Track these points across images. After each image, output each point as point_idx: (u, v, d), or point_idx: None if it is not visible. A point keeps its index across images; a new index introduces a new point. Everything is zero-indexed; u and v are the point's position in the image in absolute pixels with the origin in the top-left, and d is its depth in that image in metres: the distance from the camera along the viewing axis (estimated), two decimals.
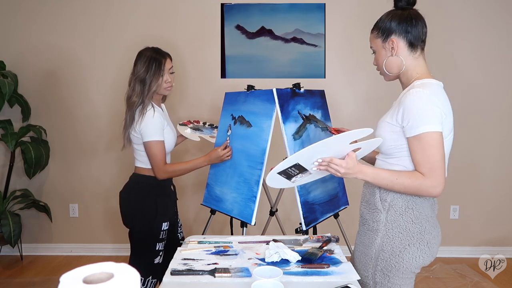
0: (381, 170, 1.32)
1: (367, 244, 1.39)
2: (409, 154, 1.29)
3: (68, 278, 0.64)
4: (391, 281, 1.34)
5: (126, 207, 1.96)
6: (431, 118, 1.22)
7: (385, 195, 1.34)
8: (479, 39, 3.12)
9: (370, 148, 1.37)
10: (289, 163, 1.32)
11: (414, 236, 1.31)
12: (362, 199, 1.47)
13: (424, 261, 1.32)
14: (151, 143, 1.86)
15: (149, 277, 1.91)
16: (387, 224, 1.34)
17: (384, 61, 1.38)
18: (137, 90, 1.87)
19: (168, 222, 1.96)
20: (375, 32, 1.41)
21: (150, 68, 1.87)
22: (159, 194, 1.96)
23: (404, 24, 1.34)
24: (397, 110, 1.29)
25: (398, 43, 1.35)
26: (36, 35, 3.18)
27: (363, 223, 1.44)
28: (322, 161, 1.31)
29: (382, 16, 1.41)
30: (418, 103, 1.23)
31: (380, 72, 1.45)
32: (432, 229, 1.33)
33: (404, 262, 1.31)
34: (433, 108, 1.23)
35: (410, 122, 1.24)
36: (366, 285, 1.41)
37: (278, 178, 1.38)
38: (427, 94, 1.23)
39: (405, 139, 1.29)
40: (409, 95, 1.25)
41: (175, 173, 1.95)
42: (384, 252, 1.34)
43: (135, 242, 1.94)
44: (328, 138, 1.23)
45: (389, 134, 1.32)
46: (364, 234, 1.43)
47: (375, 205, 1.37)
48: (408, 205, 1.32)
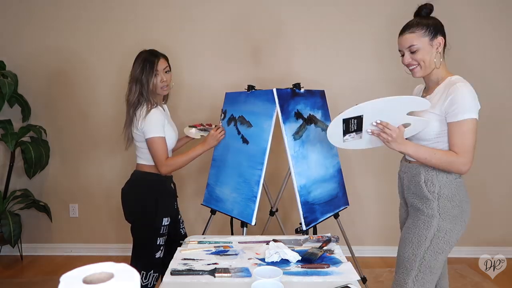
0: (420, 145, 1.53)
1: (422, 227, 1.55)
2: (439, 140, 1.52)
3: (68, 278, 0.64)
4: (438, 258, 1.53)
5: (128, 203, 2.01)
6: (473, 107, 1.46)
7: (432, 187, 1.54)
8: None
9: (416, 128, 1.55)
10: (357, 111, 1.47)
11: (458, 217, 1.54)
12: (407, 191, 1.65)
13: (460, 236, 1.57)
14: (152, 139, 1.92)
15: (151, 271, 1.96)
16: (439, 209, 1.53)
17: (434, 57, 1.55)
18: (134, 90, 1.95)
19: (168, 218, 2.00)
20: (421, 31, 1.55)
21: (144, 68, 1.95)
22: (160, 190, 1.99)
23: (442, 26, 1.57)
24: (444, 101, 1.48)
25: (442, 41, 1.56)
26: (36, 35, 3.18)
27: (416, 210, 1.60)
28: (380, 122, 1.50)
29: (416, 20, 1.57)
30: (465, 94, 1.45)
31: (418, 67, 1.58)
32: (468, 209, 1.58)
33: (452, 239, 1.54)
34: (475, 99, 1.47)
35: (456, 109, 1.45)
36: (412, 263, 1.56)
37: (337, 127, 1.53)
38: (471, 88, 1.48)
39: (446, 126, 1.50)
40: (458, 88, 1.46)
41: (177, 165, 1.99)
42: (440, 232, 1.53)
43: (136, 237, 1.99)
44: (401, 96, 1.45)
45: (431, 122, 1.52)
46: (418, 218, 1.58)
47: (426, 196, 1.55)
48: (453, 191, 1.53)
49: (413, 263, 1.55)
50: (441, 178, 1.53)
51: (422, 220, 1.55)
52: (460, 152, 1.47)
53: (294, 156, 2.04)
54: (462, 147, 1.46)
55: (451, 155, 1.48)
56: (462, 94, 1.45)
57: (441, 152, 1.49)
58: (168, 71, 2.03)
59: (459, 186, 1.55)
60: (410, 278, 1.56)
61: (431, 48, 1.55)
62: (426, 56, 1.55)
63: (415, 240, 1.55)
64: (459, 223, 1.54)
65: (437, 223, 1.53)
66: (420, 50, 1.56)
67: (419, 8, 1.61)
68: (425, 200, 1.55)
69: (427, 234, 1.53)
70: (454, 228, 1.53)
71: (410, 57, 1.58)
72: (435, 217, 1.53)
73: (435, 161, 1.49)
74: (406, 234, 1.60)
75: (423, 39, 1.55)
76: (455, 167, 1.48)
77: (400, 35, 1.61)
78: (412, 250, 1.56)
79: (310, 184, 2.09)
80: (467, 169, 1.49)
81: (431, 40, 1.55)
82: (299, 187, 2.02)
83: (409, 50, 1.57)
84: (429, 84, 1.63)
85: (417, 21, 1.56)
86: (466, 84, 1.48)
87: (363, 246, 3.28)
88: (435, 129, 1.53)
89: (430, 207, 1.54)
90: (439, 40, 1.55)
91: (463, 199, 1.56)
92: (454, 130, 1.47)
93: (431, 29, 1.54)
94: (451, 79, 1.54)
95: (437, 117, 1.52)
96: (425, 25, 1.54)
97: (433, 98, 1.55)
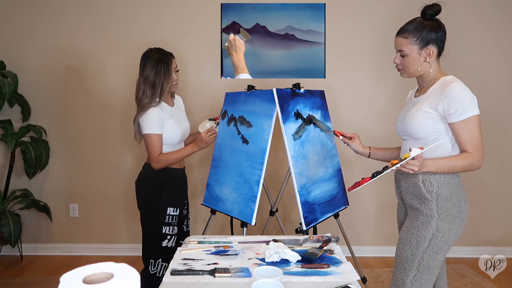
0: (438, 159, 1.51)
1: (421, 227, 1.55)
2: (436, 137, 1.53)
3: (68, 278, 0.64)
4: (436, 257, 1.53)
5: (137, 193, 2.14)
6: (474, 104, 1.49)
7: (430, 187, 1.53)
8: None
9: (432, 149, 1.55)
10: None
11: (457, 216, 1.54)
12: (405, 192, 1.64)
13: (458, 236, 1.57)
14: (147, 135, 2.01)
15: (159, 259, 2.05)
16: (438, 209, 1.53)
17: (419, 67, 1.58)
18: (148, 93, 2.00)
19: (175, 208, 2.07)
20: (412, 39, 1.56)
21: (159, 70, 2.00)
22: (165, 182, 2.07)
23: (439, 34, 1.56)
24: (439, 101, 1.50)
25: (433, 52, 1.57)
26: (36, 35, 3.18)
27: (414, 211, 1.60)
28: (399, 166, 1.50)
29: (414, 24, 1.57)
30: (463, 93, 1.48)
31: (403, 71, 1.63)
32: (466, 208, 1.58)
33: (451, 239, 1.54)
34: (473, 96, 1.50)
35: (459, 108, 1.47)
36: (411, 263, 1.55)
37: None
38: (465, 86, 1.50)
39: (442, 124, 1.52)
40: (453, 87, 1.48)
41: (167, 162, 2.06)
42: (438, 232, 1.53)
43: (143, 225, 2.11)
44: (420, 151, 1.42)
45: (427, 121, 1.54)
46: (416, 219, 1.57)
47: (424, 196, 1.55)
48: (451, 191, 1.53)
49: (412, 263, 1.55)
50: (439, 178, 1.53)
51: (421, 220, 1.55)
52: (473, 150, 1.49)
53: (294, 156, 2.04)
54: (473, 144, 1.49)
55: (468, 157, 1.49)
56: (460, 93, 1.47)
57: (460, 158, 1.50)
58: (178, 70, 2.11)
59: (457, 185, 1.56)
60: (408, 278, 1.56)
61: (419, 57, 1.57)
62: (410, 64, 1.59)
63: (414, 240, 1.55)
64: (458, 222, 1.55)
65: (436, 223, 1.53)
66: (407, 57, 1.59)
67: (425, 8, 1.59)
68: (424, 201, 1.55)
69: (425, 235, 1.53)
70: (453, 228, 1.54)
71: (398, 59, 1.63)
72: (434, 217, 1.53)
73: (457, 169, 1.51)
74: (404, 234, 1.60)
75: (412, 47, 1.57)
76: (475, 167, 1.51)
77: (396, 35, 1.62)
78: (411, 250, 1.56)
79: (310, 184, 2.09)
80: (482, 164, 1.52)
81: (420, 50, 1.56)
82: (299, 187, 2.02)
83: (399, 53, 1.61)
84: (422, 84, 1.65)
85: (413, 27, 1.57)
86: (461, 83, 1.51)
87: (363, 246, 3.28)
88: (428, 127, 1.55)
89: (429, 207, 1.54)
90: (430, 50, 1.56)
91: (461, 198, 1.56)
92: (461, 129, 1.49)
93: (423, 39, 1.55)
94: (445, 79, 1.55)
95: (427, 115, 1.54)
96: (418, 33, 1.55)
97: (428, 98, 1.56)
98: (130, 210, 3.24)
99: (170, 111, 2.09)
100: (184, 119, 2.20)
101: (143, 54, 2.07)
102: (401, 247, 1.60)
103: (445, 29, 1.59)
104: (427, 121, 1.54)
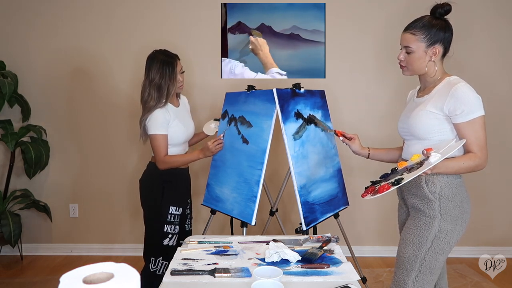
0: (446, 161, 1.47)
1: (423, 228, 1.54)
2: (441, 137, 1.53)
3: (68, 278, 0.64)
4: (438, 258, 1.53)
5: (140, 191, 2.15)
6: (480, 105, 1.49)
7: (433, 188, 1.53)
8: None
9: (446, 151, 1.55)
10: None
11: (459, 217, 1.54)
12: (407, 192, 1.64)
13: (460, 236, 1.57)
14: (153, 136, 2.02)
15: (160, 257, 2.06)
16: (441, 210, 1.52)
17: (425, 65, 1.57)
18: (154, 95, 2.01)
19: (178, 207, 2.08)
20: (420, 36, 1.55)
21: (164, 73, 2.00)
22: (168, 181, 2.08)
23: (447, 34, 1.56)
24: (445, 101, 1.50)
25: (439, 51, 1.56)
26: (37, 35, 3.18)
27: (417, 211, 1.59)
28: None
29: (424, 21, 1.56)
30: (469, 94, 1.48)
31: (406, 68, 1.62)
32: (468, 209, 1.58)
33: (453, 239, 1.54)
34: (478, 96, 1.49)
35: (465, 109, 1.47)
36: (413, 264, 1.55)
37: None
38: (470, 87, 1.50)
39: (447, 124, 1.52)
40: (459, 88, 1.48)
41: (173, 164, 2.08)
42: (441, 233, 1.52)
43: (146, 224, 2.12)
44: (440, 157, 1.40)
45: (431, 121, 1.54)
46: (419, 219, 1.57)
47: (427, 197, 1.54)
48: (453, 191, 1.53)
49: (414, 263, 1.55)
50: (442, 179, 1.53)
51: (424, 221, 1.55)
52: (478, 151, 1.49)
53: (294, 156, 2.04)
54: (479, 144, 1.49)
55: (474, 157, 1.49)
56: (467, 94, 1.47)
57: (466, 159, 1.50)
58: (183, 71, 2.11)
59: (459, 186, 1.56)
60: (410, 278, 1.56)
61: (424, 55, 1.57)
62: (415, 61, 1.58)
63: (416, 241, 1.55)
64: (460, 223, 1.54)
65: (438, 224, 1.52)
66: (413, 54, 1.58)
67: (435, 6, 1.57)
68: (427, 201, 1.55)
69: (428, 235, 1.53)
70: (455, 229, 1.53)
71: (403, 56, 1.61)
72: (437, 218, 1.52)
73: (464, 170, 1.51)
74: (406, 235, 1.59)
75: (419, 44, 1.56)
76: (480, 167, 1.51)
77: (404, 31, 1.61)
78: (413, 251, 1.55)
79: (310, 184, 2.09)
80: (486, 164, 1.52)
81: (427, 48, 1.56)
82: (299, 187, 2.02)
83: (405, 50, 1.60)
84: (425, 84, 1.64)
85: (422, 24, 1.55)
86: (466, 84, 1.51)
87: (363, 246, 3.28)
88: (435, 127, 1.54)
89: (432, 207, 1.53)
90: (436, 49, 1.56)
91: (463, 199, 1.56)
92: (467, 129, 1.49)
93: (431, 37, 1.54)
94: (450, 79, 1.55)
95: (432, 115, 1.54)
96: (427, 31, 1.54)
97: (432, 98, 1.56)
98: (130, 210, 3.23)
99: (176, 111, 2.09)
100: (189, 120, 2.21)
101: (148, 56, 2.07)
102: (403, 247, 1.60)
103: (453, 30, 1.58)
104: (432, 121, 1.54)
